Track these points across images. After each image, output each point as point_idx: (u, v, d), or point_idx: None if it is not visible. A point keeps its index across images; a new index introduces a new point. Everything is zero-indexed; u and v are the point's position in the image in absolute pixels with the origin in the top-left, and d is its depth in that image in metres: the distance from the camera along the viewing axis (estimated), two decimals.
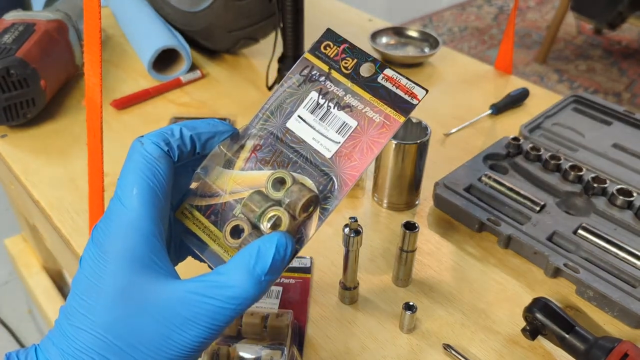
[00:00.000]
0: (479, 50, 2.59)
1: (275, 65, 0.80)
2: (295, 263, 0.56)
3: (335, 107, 0.37)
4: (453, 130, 0.77)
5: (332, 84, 0.37)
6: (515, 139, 0.68)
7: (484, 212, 0.60)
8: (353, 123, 0.36)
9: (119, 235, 0.32)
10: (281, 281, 0.55)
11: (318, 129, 0.37)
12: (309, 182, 0.35)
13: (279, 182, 0.35)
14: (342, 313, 0.52)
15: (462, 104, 0.83)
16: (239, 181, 0.36)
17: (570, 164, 0.64)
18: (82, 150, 0.67)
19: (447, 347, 0.49)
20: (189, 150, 0.36)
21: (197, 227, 0.36)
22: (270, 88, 0.82)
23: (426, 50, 0.96)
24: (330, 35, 0.38)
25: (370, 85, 0.36)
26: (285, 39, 0.76)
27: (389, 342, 0.49)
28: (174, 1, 0.89)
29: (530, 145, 0.67)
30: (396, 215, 0.63)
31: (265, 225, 0.34)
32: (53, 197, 0.65)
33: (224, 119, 0.76)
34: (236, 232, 0.35)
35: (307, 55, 0.39)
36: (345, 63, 0.38)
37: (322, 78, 0.38)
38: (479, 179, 0.64)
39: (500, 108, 0.80)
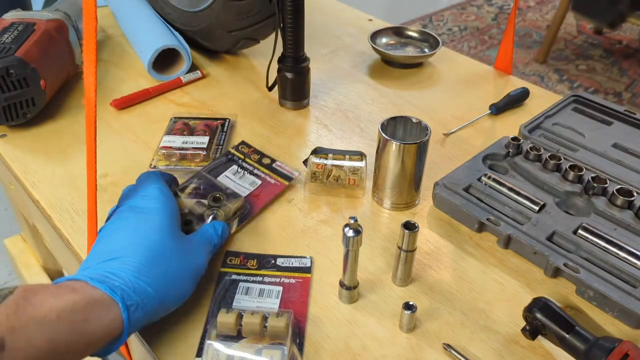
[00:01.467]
0: (479, 50, 2.59)
1: (275, 66, 0.80)
2: (295, 263, 0.57)
3: (248, 173, 0.66)
4: (453, 130, 0.77)
5: (246, 163, 0.68)
6: (515, 138, 0.68)
7: (483, 212, 0.60)
8: (258, 181, 0.65)
9: (158, 197, 0.51)
10: (281, 281, 0.55)
11: (237, 182, 0.65)
12: (239, 193, 0.62)
13: (216, 200, 0.60)
14: (342, 313, 0.52)
15: (462, 104, 0.83)
16: (186, 204, 0.59)
17: (570, 163, 0.64)
18: (82, 150, 0.67)
19: (447, 346, 0.49)
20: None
21: None
22: (270, 88, 0.82)
23: (426, 50, 0.96)
24: (244, 143, 0.70)
25: (268, 167, 0.67)
26: (285, 39, 0.76)
27: (388, 342, 0.49)
28: (174, 1, 0.89)
29: (530, 145, 0.67)
30: (396, 215, 0.63)
31: (208, 218, 0.58)
32: (53, 197, 0.65)
33: (225, 119, 0.76)
34: (188, 223, 0.58)
35: (231, 150, 0.69)
36: (253, 156, 0.69)
37: (240, 161, 0.68)
38: (479, 179, 0.64)
39: (500, 108, 0.80)
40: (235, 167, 0.66)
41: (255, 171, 0.66)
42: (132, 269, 0.45)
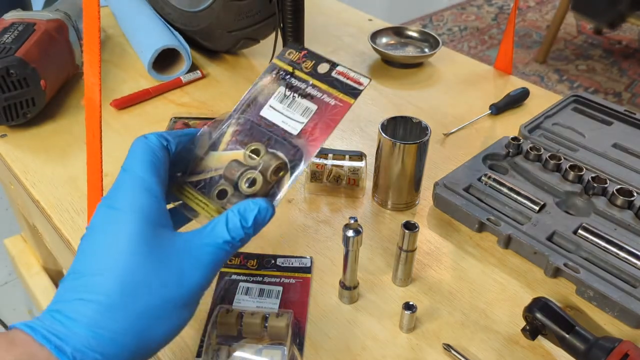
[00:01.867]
0: (479, 50, 2.59)
1: None
2: (295, 263, 0.57)
3: (299, 97, 0.45)
4: (453, 130, 0.77)
5: (295, 80, 0.46)
6: (515, 138, 0.68)
7: (483, 212, 0.60)
8: (313, 107, 0.45)
9: (132, 195, 0.38)
10: (281, 281, 0.55)
11: (286, 113, 0.45)
12: (280, 153, 0.43)
13: (254, 153, 0.43)
14: (342, 313, 0.52)
15: (462, 104, 0.83)
16: (222, 160, 0.44)
17: (570, 163, 0.64)
18: (82, 150, 0.67)
19: (447, 347, 0.49)
20: (177, 149, 0.43)
21: (189, 199, 0.43)
22: None
23: (426, 50, 0.96)
24: (292, 46, 0.49)
25: (326, 79, 0.46)
26: (285, 39, 0.76)
27: (389, 342, 0.49)
28: (174, 1, 0.89)
29: (530, 145, 0.67)
30: (396, 215, 0.63)
31: (244, 186, 0.42)
32: (53, 197, 0.65)
33: None
34: (222, 194, 0.43)
35: (275, 61, 0.48)
36: (306, 64, 0.47)
37: (288, 76, 0.47)
38: (479, 179, 0.64)
39: (500, 108, 0.80)
40: (282, 88, 0.46)
41: (309, 89, 0.46)
42: (93, 313, 0.34)
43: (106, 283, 0.35)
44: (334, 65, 0.46)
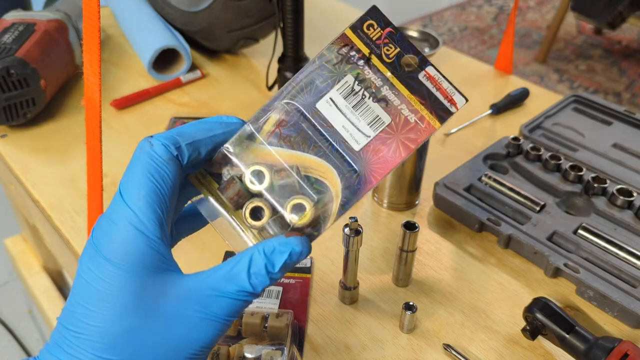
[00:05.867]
0: (479, 50, 2.59)
1: (275, 65, 0.80)
2: None
3: (371, 98, 0.34)
4: (453, 130, 0.77)
5: (370, 71, 0.34)
6: (516, 138, 0.68)
7: (484, 212, 0.60)
8: (387, 119, 0.34)
9: (125, 240, 0.31)
10: (281, 281, 0.54)
11: (349, 117, 0.34)
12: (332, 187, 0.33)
13: (296, 209, 0.34)
14: (342, 313, 0.52)
15: None
16: (259, 155, 0.34)
17: (570, 163, 0.64)
18: (82, 150, 0.67)
19: (447, 347, 0.49)
20: (202, 156, 0.34)
21: (209, 193, 0.35)
22: (270, 88, 0.82)
23: (426, 50, 0.96)
24: (375, 13, 0.34)
25: (410, 82, 0.34)
26: (285, 39, 0.76)
27: (389, 342, 0.49)
28: (174, 1, 0.89)
29: (531, 145, 0.67)
30: (396, 215, 0.63)
31: (289, 213, 0.33)
32: (53, 197, 0.65)
33: None
34: (255, 213, 0.34)
35: (347, 31, 0.35)
36: (388, 50, 0.34)
37: (362, 62, 0.34)
38: (479, 179, 0.64)
39: (500, 108, 0.80)
40: (350, 78, 0.34)
41: (385, 90, 0.34)
42: None
43: (101, 343, 0.30)
44: (424, 62, 0.34)
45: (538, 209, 0.60)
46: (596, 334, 0.47)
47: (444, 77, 0.34)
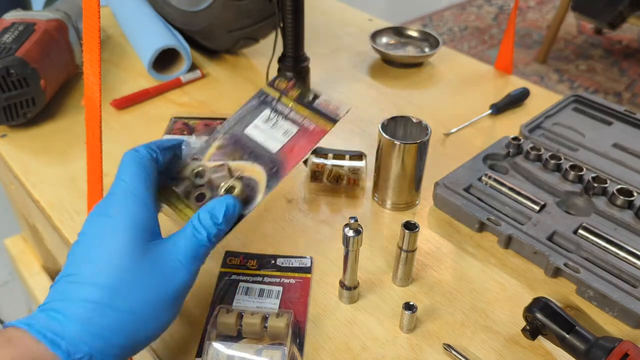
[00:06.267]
0: (479, 50, 2.59)
1: (275, 65, 0.80)
2: (295, 263, 0.57)
3: (282, 119, 0.51)
4: (453, 130, 0.77)
5: (281, 105, 0.52)
6: (516, 138, 0.68)
7: (484, 212, 0.59)
8: (294, 129, 0.50)
9: (124, 203, 0.41)
10: (281, 281, 0.55)
11: (268, 132, 0.51)
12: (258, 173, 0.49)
13: (229, 189, 0.48)
14: (342, 313, 0.52)
15: (462, 104, 0.83)
16: (207, 172, 0.49)
17: (570, 163, 0.64)
18: (82, 150, 0.67)
19: (447, 347, 0.49)
20: (166, 159, 0.48)
21: (171, 204, 0.48)
22: None
23: (426, 50, 0.96)
24: (282, 75, 0.55)
25: (309, 107, 0.52)
26: (285, 39, 0.76)
27: (389, 342, 0.49)
28: (174, 1, 0.89)
29: (531, 145, 0.67)
30: (396, 215, 0.63)
31: (222, 192, 0.47)
32: (53, 197, 0.65)
33: (224, 119, 0.76)
34: (200, 197, 0.48)
35: (264, 87, 0.54)
36: (292, 92, 0.53)
37: (274, 102, 0.53)
38: (479, 179, 0.64)
39: (500, 108, 0.80)
40: (267, 111, 0.52)
41: (292, 114, 0.51)
42: (83, 315, 0.37)
43: (97, 283, 0.38)
44: (316, 96, 0.52)
45: (538, 209, 0.60)
46: (596, 334, 0.47)
47: (331, 101, 0.51)
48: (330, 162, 0.64)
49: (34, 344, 0.35)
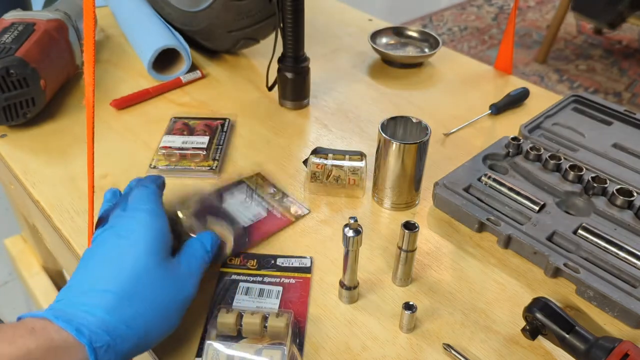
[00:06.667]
0: (479, 50, 2.59)
1: (275, 66, 0.80)
2: (295, 263, 0.57)
3: (256, 204, 0.63)
4: (453, 130, 0.77)
5: (256, 195, 0.65)
6: (515, 138, 0.68)
7: (483, 212, 0.60)
8: (263, 214, 0.62)
9: (143, 226, 0.46)
10: (281, 281, 0.55)
11: (242, 211, 0.62)
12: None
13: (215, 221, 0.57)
14: (342, 313, 0.52)
15: (462, 104, 0.83)
16: (184, 220, 0.55)
17: (570, 163, 0.64)
18: (82, 150, 0.67)
19: (447, 347, 0.49)
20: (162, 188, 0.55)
21: None
22: (270, 88, 0.82)
23: (426, 50, 0.96)
24: (261, 176, 0.68)
25: (279, 200, 0.64)
26: (285, 39, 0.76)
27: (389, 342, 0.49)
28: (174, 1, 0.89)
29: (530, 145, 0.67)
30: (396, 215, 0.63)
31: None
32: (53, 197, 0.65)
33: (225, 119, 0.76)
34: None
35: (245, 179, 0.67)
36: (266, 189, 0.66)
37: (251, 190, 0.66)
38: (479, 179, 0.64)
39: (500, 108, 0.80)
40: (244, 195, 0.64)
41: (264, 203, 0.63)
42: (107, 305, 0.41)
43: (120, 276, 0.42)
44: (284, 195, 0.65)
45: (538, 209, 0.60)
46: (596, 334, 0.47)
47: (296, 201, 0.64)
48: (330, 162, 0.64)
49: (56, 334, 0.38)
